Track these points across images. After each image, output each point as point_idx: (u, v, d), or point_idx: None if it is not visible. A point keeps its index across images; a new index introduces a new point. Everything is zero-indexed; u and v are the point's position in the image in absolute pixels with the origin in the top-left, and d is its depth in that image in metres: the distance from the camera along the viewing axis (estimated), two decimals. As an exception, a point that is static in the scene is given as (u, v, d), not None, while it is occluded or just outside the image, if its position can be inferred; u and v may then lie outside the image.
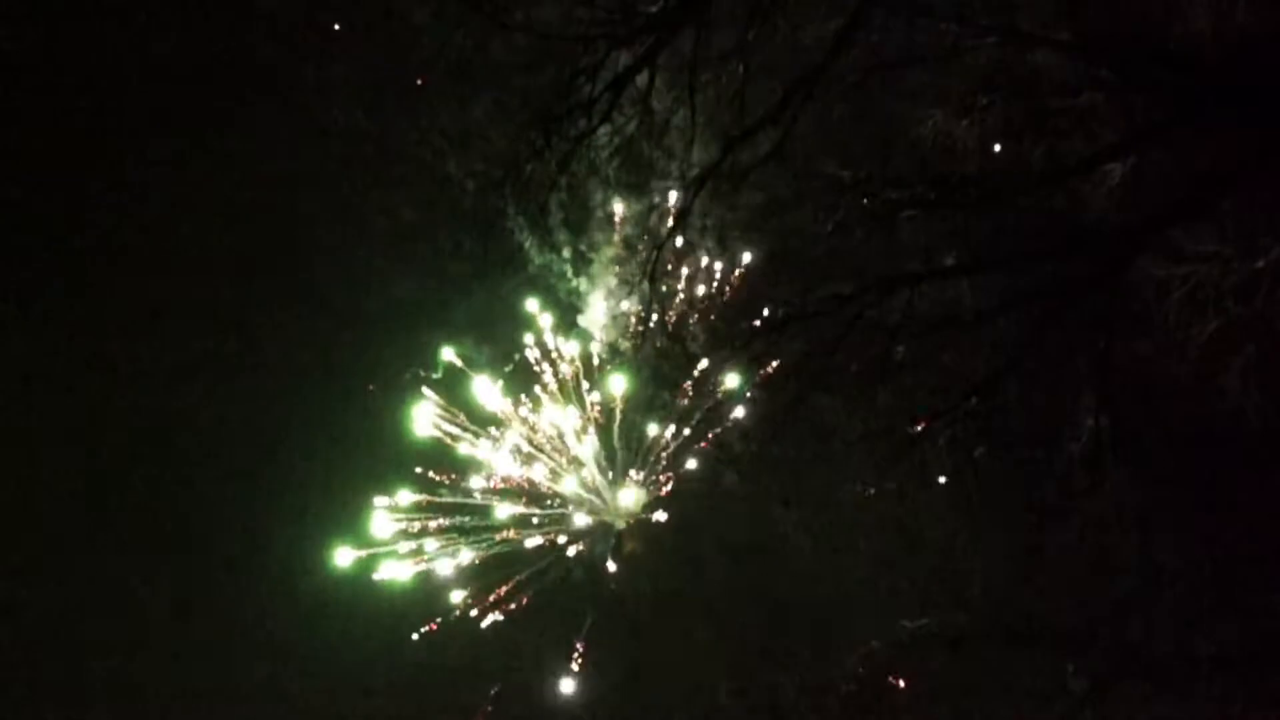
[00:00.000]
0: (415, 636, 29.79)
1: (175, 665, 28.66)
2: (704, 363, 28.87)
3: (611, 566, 31.34)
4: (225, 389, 30.22)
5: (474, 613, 30.53)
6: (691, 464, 31.34)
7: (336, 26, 29.63)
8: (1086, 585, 19.82)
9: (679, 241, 28.14)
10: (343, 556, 29.58)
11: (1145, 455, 17.18)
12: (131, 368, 29.65)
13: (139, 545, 29.09)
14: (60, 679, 27.98)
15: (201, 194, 29.76)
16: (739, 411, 30.37)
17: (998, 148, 15.88)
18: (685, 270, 30.86)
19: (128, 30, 27.58)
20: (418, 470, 30.82)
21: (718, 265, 30.96)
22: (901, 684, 23.94)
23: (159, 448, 29.91)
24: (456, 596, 30.44)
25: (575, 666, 29.95)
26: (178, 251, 30.12)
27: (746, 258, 30.49)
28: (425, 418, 30.69)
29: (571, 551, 31.64)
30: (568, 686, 29.95)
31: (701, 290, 31.08)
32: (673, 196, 23.39)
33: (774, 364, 21.02)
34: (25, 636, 28.11)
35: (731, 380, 29.02)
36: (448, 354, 30.66)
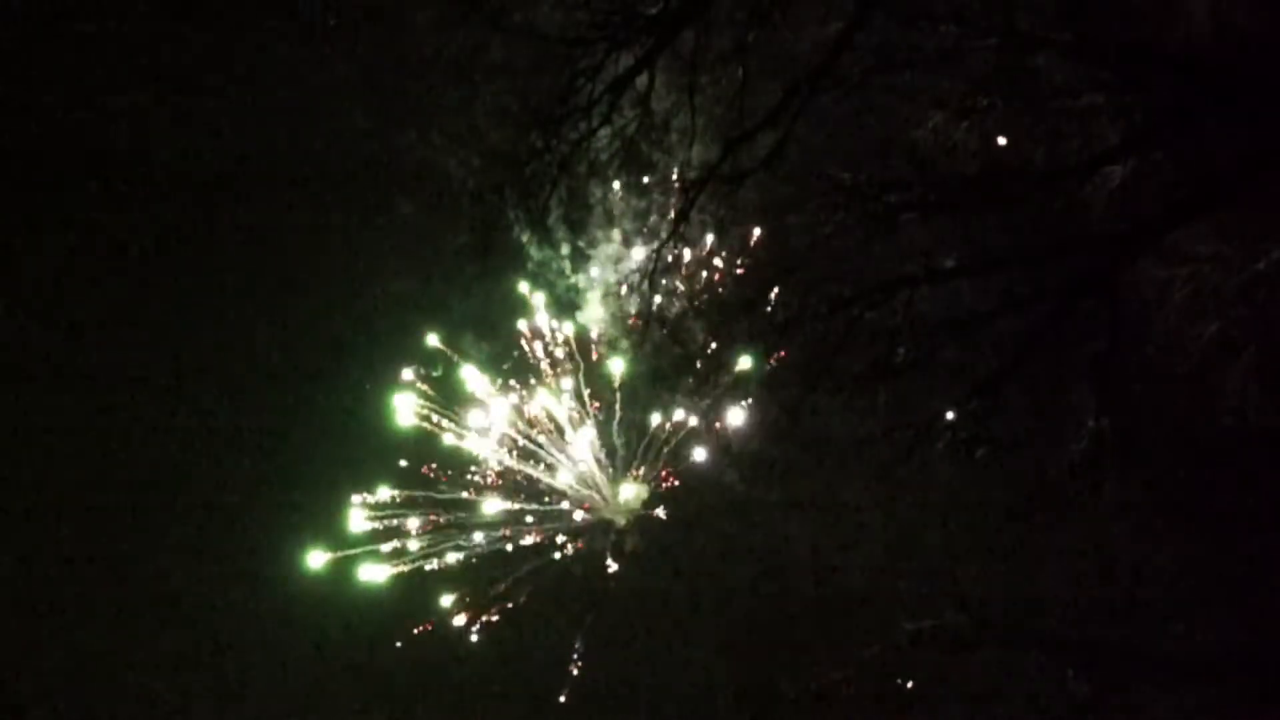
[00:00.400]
0: (403, 643, 29.74)
1: (165, 666, 28.70)
2: (703, 362, 28.79)
3: (612, 565, 31.28)
4: (224, 388, 30.28)
5: (471, 612, 30.50)
6: (697, 455, 31.29)
7: (335, 25, 29.55)
8: (1086, 585, 19.83)
9: (678, 241, 28.05)
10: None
11: (1145, 455, 17.18)
12: (131, 367, 29.69)
13: (136, 545, 29.11)
14: (48, 679, 27.98)
15: (200, 193, 29.76)
16: (739, 411, 30.33)
17: (1000, 145, 15.84)
18: (684, 270, 30.83)
19: (126, 30, 27.56)
20: (418, 470, 30.83)
21: (717, 265, 30.93)
22: (903, 685, 23.90)
23: (157, 447, 29.95)
24: (453, 596, 30.41)
25: (575, 670, 29.92)
26: (176, 249, 30.18)
27: (746, 259, 30.47)
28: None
29: (570, 549, 31.58)
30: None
31: (701, 290, 31.04)
32: (673, 197, 23.31)
33: (774, 364, 21.00)
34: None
35: (732, 379, 28.96)
36: (434, 340, 30.66)
